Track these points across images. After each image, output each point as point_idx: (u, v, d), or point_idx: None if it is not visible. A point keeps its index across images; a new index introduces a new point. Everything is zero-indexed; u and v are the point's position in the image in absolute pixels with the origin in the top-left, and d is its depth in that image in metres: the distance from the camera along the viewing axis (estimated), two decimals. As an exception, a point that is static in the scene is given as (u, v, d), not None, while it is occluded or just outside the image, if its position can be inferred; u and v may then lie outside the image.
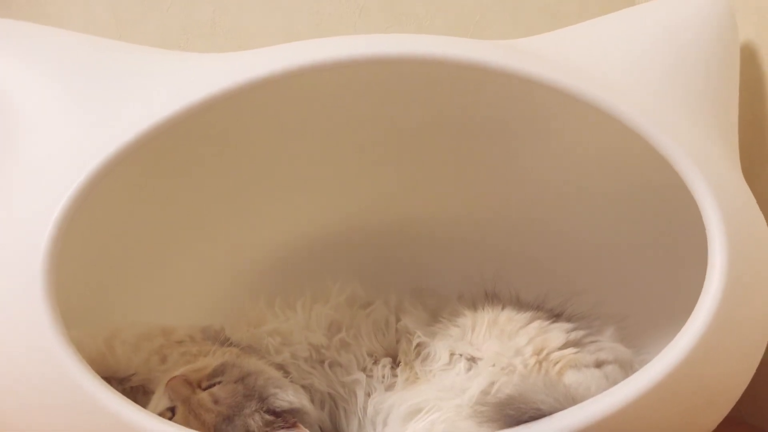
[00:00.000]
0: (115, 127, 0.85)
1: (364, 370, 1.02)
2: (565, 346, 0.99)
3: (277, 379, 0.95)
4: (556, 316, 1.03)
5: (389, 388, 1.01)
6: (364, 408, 1.00)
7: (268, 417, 0.91)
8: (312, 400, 0.98)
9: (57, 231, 0.82)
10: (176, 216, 1.18)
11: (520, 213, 1.22)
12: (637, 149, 0.91)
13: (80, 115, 0.88)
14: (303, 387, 0.99)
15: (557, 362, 0.97)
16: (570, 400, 0.88)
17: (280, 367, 1.00)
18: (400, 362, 1.03)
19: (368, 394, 1.01)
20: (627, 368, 0.98)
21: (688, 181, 0.87)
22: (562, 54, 0.96)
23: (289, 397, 0.93)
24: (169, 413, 0.91)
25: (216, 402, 0.90)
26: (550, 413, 0.86)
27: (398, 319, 1.05)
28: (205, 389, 0.92)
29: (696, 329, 0.85)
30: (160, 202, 1.17)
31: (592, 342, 1.00)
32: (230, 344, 1.02)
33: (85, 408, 0.84)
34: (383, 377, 1.01)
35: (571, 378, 0.94)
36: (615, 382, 0.91)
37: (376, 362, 1.02)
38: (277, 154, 1.18)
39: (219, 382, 0.92)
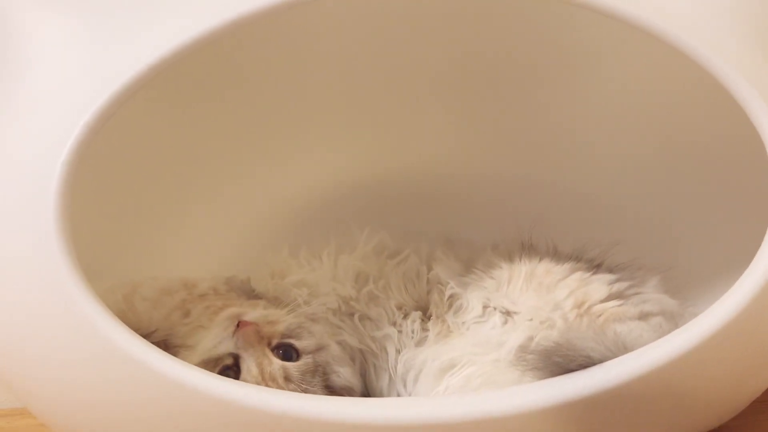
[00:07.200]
0: (132, 51, 0.79)
1: (394, 324, 0.98)
2: (607, 298, 0.95)
3: (339, 357, 0.94)
4: (596, 266, 0.99)
5: (419, 343, 0.97)
6: (395, 365, 0.97)
7: (324, 393, 0.90)
8: None
9: (69, 165, 0.76)
10: (196, 163, 1.14)
11: (559, 162, 1.18)
12: (697, 94, 0.88)
13: (93, 39, 0.82)
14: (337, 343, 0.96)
15: (599, 315, 0.93)
16: (622, 348, 0.83)
17: (313, 318, 0.96)
18: (431, 315, 0.99)
19: (398, 351, 0.97)
20: (674, 320, 0.93)
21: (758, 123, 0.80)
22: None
23: (348, 376, 0.92)
24: (230, 359, 0.88)
25: (287, 379, 0.89)
26: (600, 362, 0.82)
27: (429, 269, 1.01)
28: (273, 348, 0.90)
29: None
30: (180, 148, 1.13)
31: (635, 294, 0.96)
32: (256, 296, 1.00)
33: (122, 366, 0.79)
34: (413, 332, 0.97)
35: (619, 328, 0.90)
36: (665, 334, 0.86)
37: (405, 316, 0.98)
38: (303, 96, 1.14)
39: (290, 345, 0.91)
